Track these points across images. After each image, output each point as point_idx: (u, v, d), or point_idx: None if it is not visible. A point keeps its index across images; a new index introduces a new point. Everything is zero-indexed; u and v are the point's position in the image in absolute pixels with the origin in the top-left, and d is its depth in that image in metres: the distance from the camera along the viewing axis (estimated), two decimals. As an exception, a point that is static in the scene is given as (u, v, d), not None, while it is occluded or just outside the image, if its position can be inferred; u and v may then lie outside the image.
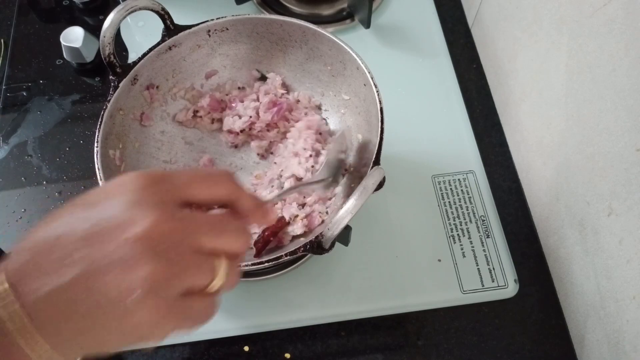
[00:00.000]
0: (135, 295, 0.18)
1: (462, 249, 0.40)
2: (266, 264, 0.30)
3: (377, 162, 0.32)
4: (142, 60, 0.37)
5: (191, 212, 0.20)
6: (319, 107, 0.42)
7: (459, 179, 0.43)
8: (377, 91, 0.34)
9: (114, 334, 0.19)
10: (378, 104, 0.34)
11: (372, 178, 0.29)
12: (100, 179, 0.32)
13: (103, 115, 0.34)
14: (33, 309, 0.18)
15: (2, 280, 0.18)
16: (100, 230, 0.19)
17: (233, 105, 0.41)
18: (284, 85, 0.41)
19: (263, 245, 0.35)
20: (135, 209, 0.19)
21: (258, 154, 0.41)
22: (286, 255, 0.30)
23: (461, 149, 0.45)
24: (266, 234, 0.35)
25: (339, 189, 0.37)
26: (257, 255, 0.35)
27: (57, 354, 0.18)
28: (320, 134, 0.39)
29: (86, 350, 0.19)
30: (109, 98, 0.35)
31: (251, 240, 0.23)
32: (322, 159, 0.37)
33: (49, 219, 0.20)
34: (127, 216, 0.19)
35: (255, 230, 0.35)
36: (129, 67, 0.36)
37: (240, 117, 0.40)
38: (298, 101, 0.41)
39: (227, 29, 0.39)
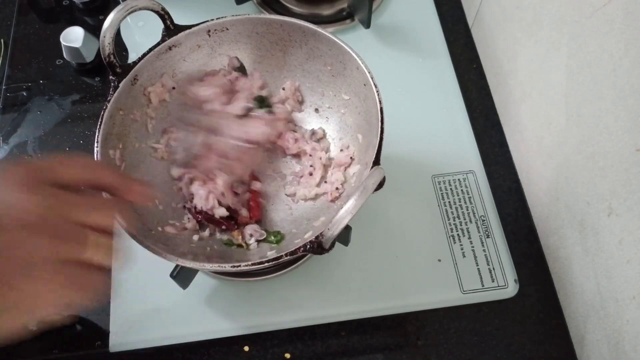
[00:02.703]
0: (25, 270, 0.21)
1: (462, 249, 0.40)
2: (266, 264, 0.30)
3: (377, 162, 0.32)
4: (142, 61, 0.37)
5: (65, 192, 0.23)
6: (300, 102, 0.41)
7: (459, 179, 0.43)
8: (377, 91, 0.34)
9: (11, 311, 0.21)
10: (378, 104, 0.34)
11: (372, 178, 0.29)
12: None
13: (103, 115, 0.34)
14: None
15: None
16: None
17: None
18: (264, 86, 0.41)
19: (255, 204, 0.37)
20: (15, 193, 0.22)
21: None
22: (286, 255, 0.30)
23: (461, 148, 0.45)
24: (251, 203, 0.37)
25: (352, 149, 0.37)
26: (256, 217, 0.37)
27: None
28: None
29: None
30: (109, 98, 0.35)
31: (118, 214, 0.25)
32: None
33: None
34: (6, 200, 0.21)
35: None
36: (129, 67, 0.36)
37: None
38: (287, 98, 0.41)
39: (227, 29, 0.39)
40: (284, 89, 0.41)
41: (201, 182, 0.37)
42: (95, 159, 0.33)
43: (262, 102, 0.39)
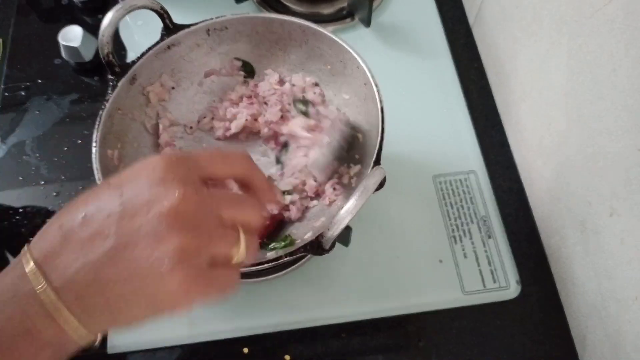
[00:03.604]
0: (165, 266, 0.19)
1: (463, 249, 0.40)
2: (266, 265, 0.30)
3: (377, 162, 0.32)
4: (141, 60, 0.37)
5: (212, 188, 0.22)
6: (316, 84, 0.41)
7: (460, 179, 0.43)
8: (378, 90, 0.34)
9: (142, 305, 0.20)
10: (378, 104, 0.34)
11: (372, 178, 0.29)
12: (98, 180, 0.32)
13: (101, 115, 0.34)
14: (61, 286, 0.19)
15: (28, 260, 0.19)
16: (129, 207, 0.20)
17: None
18: (281, 80, 0.41)
19: (265, 230, 0.36)
20: (161, 186, 0.20)
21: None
22: (286, 255, 0.30)
23: (462, 149, 0.44)
24: (267, 222, 0.36)
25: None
26: (262, 237, 0.36)
27: (85, 329, 0.20)
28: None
29: (114, 324, 0.21)
30: (107, 98, 0.35)
31: (265, 215, 0.25)
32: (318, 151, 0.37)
33: (75, 202, 0.21)
34: (154, 193, 0.20)
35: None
36: (128, 67, 0.36)
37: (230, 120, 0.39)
38: (294, 85, 0.40)
39: (227, 28, 0.39)
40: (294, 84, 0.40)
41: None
42: (94, 159, 0.33)
43: (306, 104, 0.39)
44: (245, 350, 0.37)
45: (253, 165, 0.25)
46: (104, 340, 0.37)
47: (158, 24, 0.38)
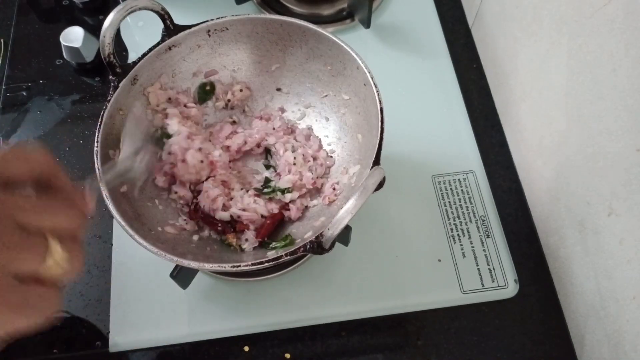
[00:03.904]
0: None
1: (462, 249, 0.40)
2: (266, 264, 0.30)
3: (377, 162, 0.32)
4: (142, 60, 0.37)
5: (8, 191, 0.19)
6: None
7: (459, 179, 0.43)
8: (377, 91, 0.34)
9: None
10: (378, 104, 0.34)
11: (372, 178, 0.29)
12: (100, 179, 0.32)
13: (103, 115, 0.34)
14: None
15: None
16: None
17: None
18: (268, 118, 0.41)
19: (265, 230, 0.36)
20: None
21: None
22: (286, 255, 0.30)
23: (461, 149, 0.44)
24: (267, 222, 0.36)
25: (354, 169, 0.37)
26: (261, 236, 0.36)
27: None
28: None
29: None
30: (108, 98, 0.35)
31: (80, 217, 0.20)
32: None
33: None
34: None
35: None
36: (129, 67, 0.36)
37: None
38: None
39: (227, 28, 0.39)
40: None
41: (216, 182, 0.37)
42: (96, 159, 0.33)
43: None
44: (246, 348, 0.37)
45: (54, 164, 0.21)
46: (106, 339, 0.37)
47: (159, 25, 0.38)
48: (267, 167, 0.41)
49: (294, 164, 0.38)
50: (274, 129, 0.41)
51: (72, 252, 0.19)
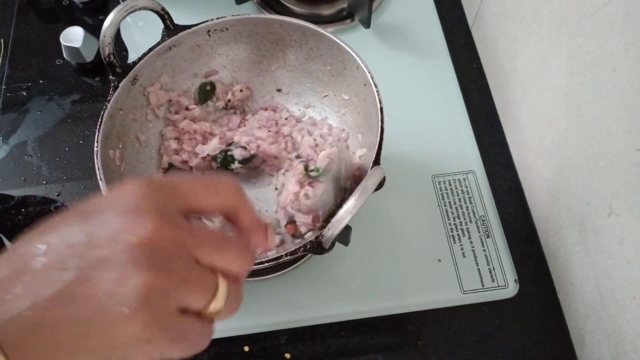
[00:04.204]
0: (127, 305, 0.16)
1: (462, 249, 0.40)
2: (266, 264, 0.30)
3: (377, 162, 0.32)
4: (142, 60, 0.37)
5: (194, 224, 0.19)
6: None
7: (459, 179, 0.43)
8: (377, 91, 0.34)
9: (90, 353, 0.17)
10: (378, 104, 0.34)
11: (372, 178, 0.29)
12: (100, 179, 0.32)
13: (103, 115, 0.34)
14: (3, 328, 0.16)
15: None
16: (95, 237, 0.17)
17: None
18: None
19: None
20: (134, 215, 0.17)
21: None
22: (286, 255, 0.30)
23: (461, 149, 0.45)
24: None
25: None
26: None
27: None
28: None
29: None
30: (108, 98, 0.35)
31: (251, 261, 0.21)
32: (317, 191, 0.35)
33: (39, 228, 0.18)
34: (126, 222, 0.17)
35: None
36: (129, 67, 0.36)
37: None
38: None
39: (227, 29, 0.39)
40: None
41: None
42: (96, 159, 0.33)
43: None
44: (246, 348, 0.37)
45: (244, 198, 0.21)
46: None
47: (159, 25, 0.38)
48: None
49: (317, 144, 0.38)
50: (286, 119, 0.40)
51: (234, 292, 0.19)
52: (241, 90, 0.42)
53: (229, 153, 0.38)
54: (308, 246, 0.29)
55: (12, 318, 0.16)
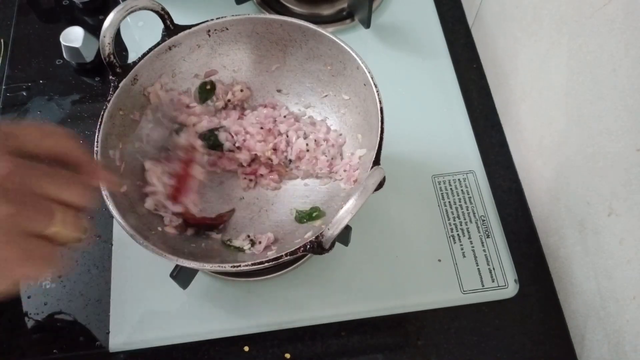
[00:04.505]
0: None
1: (462, 249, 0.40)
2: (266, 264, 0.30)
3: (377, 162, 0.32)
4: (142, 60, 0.37)
5: (32, 162, 0.22)
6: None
7: (459, 179, 0.43)
8: (377, 91, 0.34)
9: None
10: (378, 104, 0.34)
11: (372, 178, 0.29)
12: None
13: (103, 115, 0.34)
14: None
15: None
16: None
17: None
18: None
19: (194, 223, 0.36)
20: None
21: None
22: (286, 255, 0.30)
23: (461, 149, 0.45)
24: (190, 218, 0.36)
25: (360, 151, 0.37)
26: (176, 199, 0.36)
27: None
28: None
29: None
30: (108, 98, 0.35)
31: (87, 196, 0.24)
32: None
33: None
34: None
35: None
36: (129, 67, 0.36)
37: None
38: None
39: (227, 28, 0.39)
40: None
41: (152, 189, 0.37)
42: (95, 159, 0.33)
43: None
44: (246, 348, 0.37)
45: (75, 142, 0.25)
46: (106, 339, 0.37)
47: (159, 25, 0.38)
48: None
49: (307, 150, 0.38)
50: (284, 117, 0.40)
51: (75, 222, 0.23)
52: (241, 90, 0.42)
53: (216, 133, 0.40)
54: (308, 246, 0.29)
55: None
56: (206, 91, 0.41)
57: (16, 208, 0.20)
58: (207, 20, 0.39)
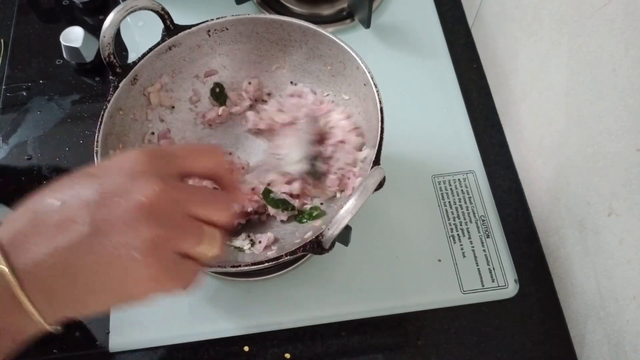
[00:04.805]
0: (138, 254, 0.20)
1: (462, 249, 0.40)
2: (266, 264, 0.30)
3: (377, 162, 0.32)
4: (142, 61, 0.37)
5: (187, 184, 0.23)
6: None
7: (459, 179, 0.43)
8: (377, 91, 0.34)
9: (109, 293, 0.21)
10: (378, 104, 0.34)
11: (372, 178, 0.29)
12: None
13: (103, 115, 0.34)
14: (24, 271, 0.19)
15: None
16: (107, 197, 0.20)
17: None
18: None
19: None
20: (139, 179, 0.21)
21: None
22: (286, 255, 0.30)
23: (461, 149, 0.45)
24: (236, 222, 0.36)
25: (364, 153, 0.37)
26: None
27: (45, 316, 0.20)
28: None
29: (77, 312, 0.21)
30: (108, 98, 0.35)
31: (233, 217, 0.25)
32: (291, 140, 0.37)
33: (49, 189, 0.21)
34: (132, 185, 0.21)
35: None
36: (129, 67, 0.36)
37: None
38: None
39: (227, 29, 0.39)
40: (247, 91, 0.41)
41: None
42: (96, 159, 0.33)
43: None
44: (246, 348, 0.37)
45: (225, 161, 0.26)
46: (106, 339, 0.37)
47: (159, 25, 0.38)
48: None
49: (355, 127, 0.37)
50: (314, 104, 0.40)
51: (220, 241, 0.24)
52: (249, 83, 0.41)
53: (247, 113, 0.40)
54: (308, 246, 0.29)
55: (33, 264, 0.19)
56: (217, 94, 0.41)
57: (166, 230, 0.21)
58: (207, 20, 0.39)
